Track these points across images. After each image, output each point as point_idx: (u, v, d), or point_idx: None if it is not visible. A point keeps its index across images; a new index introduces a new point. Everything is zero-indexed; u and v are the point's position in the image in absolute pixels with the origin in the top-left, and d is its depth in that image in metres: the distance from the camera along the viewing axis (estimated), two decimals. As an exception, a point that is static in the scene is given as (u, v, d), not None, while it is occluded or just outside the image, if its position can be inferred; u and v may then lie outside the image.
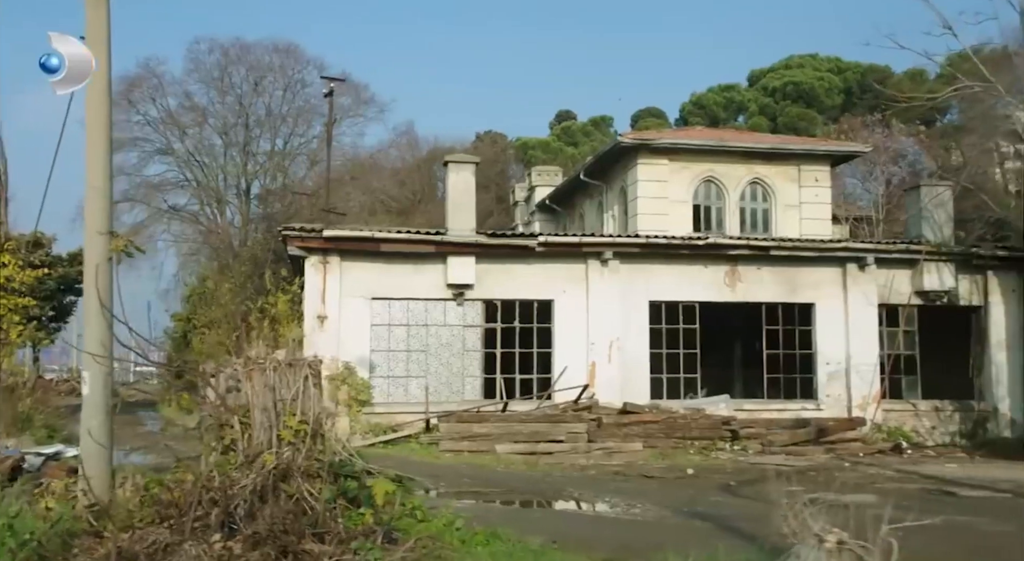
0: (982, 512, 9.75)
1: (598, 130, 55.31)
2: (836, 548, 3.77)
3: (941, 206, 18.16)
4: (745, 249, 17.58)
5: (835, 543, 3.76)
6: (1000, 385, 17.93)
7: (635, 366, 17.14)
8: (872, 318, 17.84)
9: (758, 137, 29.31)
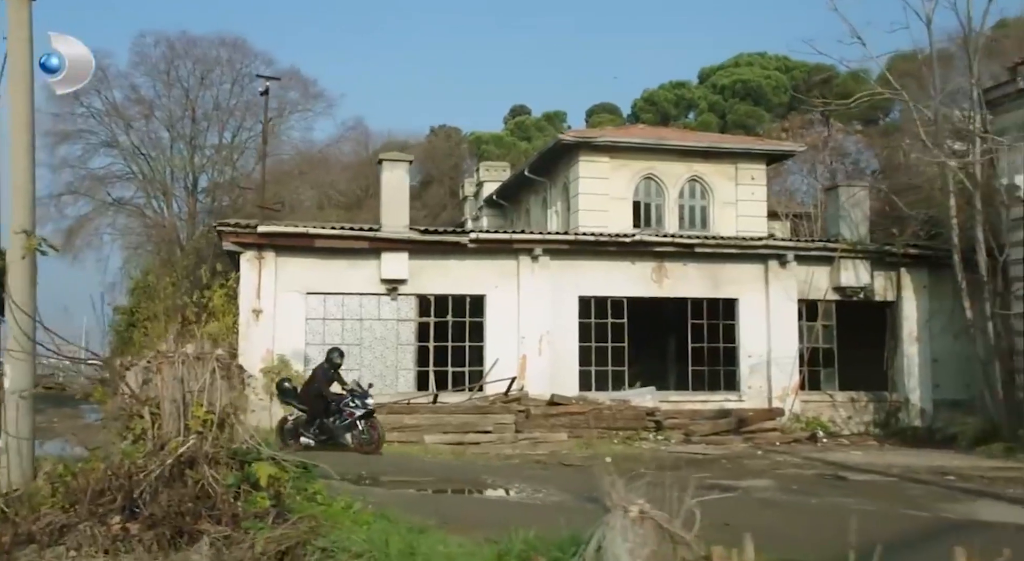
0: (860, 494, 10.47)
1: (552, 125, 55.83)
2: (639, 517, 4.35)
3: (857, 206, 18.99)
4: (671, 246, 18.23)
5: (637, 513, 4.34)
6: (911, 377, 18.81)
7: (565, 359, 17.72)
8: (792, 313, 18.62)
9: (696, 136, 30.07)
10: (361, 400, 13.59)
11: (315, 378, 14.24)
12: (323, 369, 14.28)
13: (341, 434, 13.58)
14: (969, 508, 9.44)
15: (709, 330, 18.63)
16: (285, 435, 13.93)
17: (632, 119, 54.85)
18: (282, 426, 14.18)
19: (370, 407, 13.61)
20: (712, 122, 49.91)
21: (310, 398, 13.94)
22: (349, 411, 13.55)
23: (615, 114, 58.94)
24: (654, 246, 18.20)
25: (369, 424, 13.54)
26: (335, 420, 13.69)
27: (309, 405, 13.90)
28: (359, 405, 13.53)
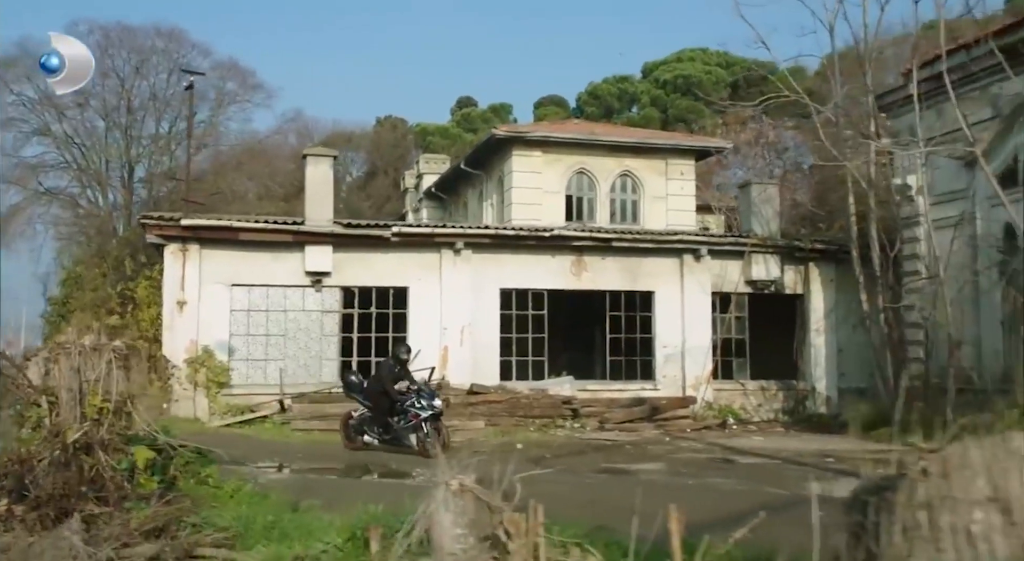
0: (738, 475, 11.22)
1: (498, 117, 56.24)
2: (459, 490, 4.88)
3: (768, 202, 19.82)
4: (589, 241, 18.87)
5: (458, 486, 4.87)
6: (818, 366, 19.73)
7: (486, 349, 18.29)
8: (706, 305, 19.40)
9: (627, 132, 30.81)
10: (427, 400, 12.85)
11: (380, 374, 13.63)
12: (388, 365, 13.62)
13: (405, 436, 12.92)
14: (829, 486, 10.20)
15: (627, 321, 19.33)
16: (349, 431, 13.51)
17: (577, 112, 55.56)
18: (346, 421, 13.66)
19: (437, 408, 12.92)
20: (654, 116, 50.81)
21: (374, 395, 13.30)
22: (414, 412, 12.81)
23: (562, 107, 59.56)
24: (573, 240, 18.82)
25: (434, 427, 12.78)
26: (399, 420, 12.98)
27: (373, 402, 13.27)
28: (425, 406, 12.79)
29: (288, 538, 5.91)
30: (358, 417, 13.48)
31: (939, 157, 15.26)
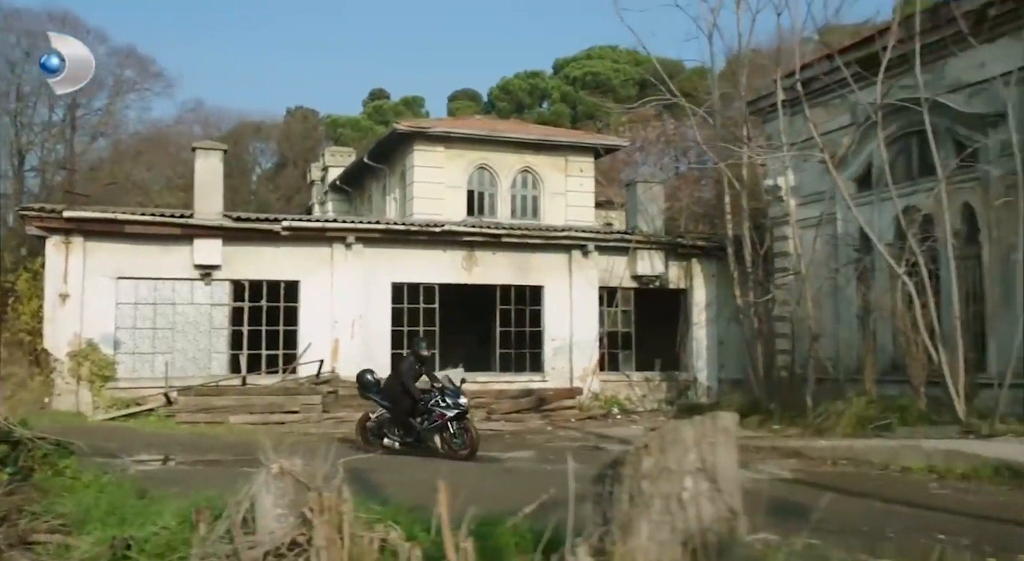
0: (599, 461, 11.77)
1: (410, 110, 56.29)
2: (279, 473, 5.24)
3: (653, 201, 20.61)
4: (479, 236, 19.32)
5: (278, 469, 5.23)
6: (700, 357, 20.64)
7: (377, 342, 18.58)
8: (593, 299, 20.07)
9: (529, 128, 31.35)
10: (452, 399, 12.02)
11: (399, 372, 12.67)
12: (408, 362, 12.66)
13: (429, 437, 12.10)
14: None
15: (517, 315, 19.87)
16: (367, 434, 12.60)
17: (489, 107, 55.98)
18: (363, 424, 12.78)
19: (463, 407, 12.09)
20: (564, 112, 51.61)
21: (394, 394, 12.38)
22: (439, 412, 11.95)
23: (475, 101, 59.90)
24: (464, 236, 19.24)
25: (461, 426, 12.00)
26: (423, 420, 12.12)
27: (393, 402, 12.38)
28: (450, 405, 11.94)
29: (124, 523, 6.16)
30: (376, 419, 12.56)
31: (805, 160, 16.18)
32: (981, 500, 8.80)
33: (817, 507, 8.50)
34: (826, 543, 6.15)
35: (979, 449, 10.61)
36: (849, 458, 11.55)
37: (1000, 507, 8.35)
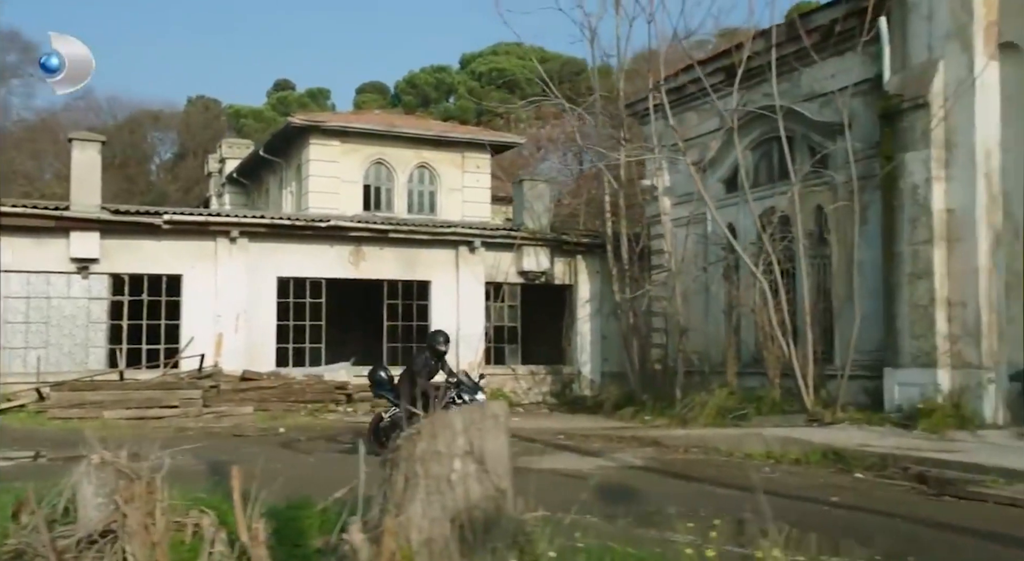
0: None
1: (315, 102, 55.76)
2: (100, 464, 5.42)
3: (539, 198, 21.15)
4: (365, 231, 19.50)
5: (99, 460, 5.41)
6: (584, 352, 21.29)
7: (262, 337, 18.60)
8: (480, 294, 20.49)
9: (426, 124, 31.60)
10: (470, 395, 11.30)
11: (413, 368, 11.83)
12: (423, 357, 11.80)
13: None
14: (538, 460, 11.36)
15: (405, 310, 20.15)
16: (380, 435, 11.64)
17: (395, 100, 55.89)
18: (376, 424, 11.94)
19: (481, 404, 11.92)
20: (469, 108, 51.91)
21: (408, 391, 11.52)
22: (455, 409, 11.89)
23: (383, 94, 59.71)
24: (350, 231, 19.40)
25: None
26: None
27: (407, 399, 11.43)
28: (467, 402, 11.07)
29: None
30: (389, 419, 11.62)
31: (672, 163, 16.92)
32: (802, 482, 9.51)
33: (649, 491, 9.07)
34: (630, 522, 6.68)
35: (811, 436, 11.41)
36: (700, 446, 12.23)
37: (816, 488, 9.06)
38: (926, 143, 12.57)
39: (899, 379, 12.85)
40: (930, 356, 12.43)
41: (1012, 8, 12.44)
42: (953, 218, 12.41)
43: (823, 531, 6.91)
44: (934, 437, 11.38)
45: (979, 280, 12.12)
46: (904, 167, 12.81)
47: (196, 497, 5.99)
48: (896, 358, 12.95)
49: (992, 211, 12.27)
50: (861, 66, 14.05)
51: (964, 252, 12.27)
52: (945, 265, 12.44)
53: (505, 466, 4.69)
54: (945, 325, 12.40)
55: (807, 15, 15.04)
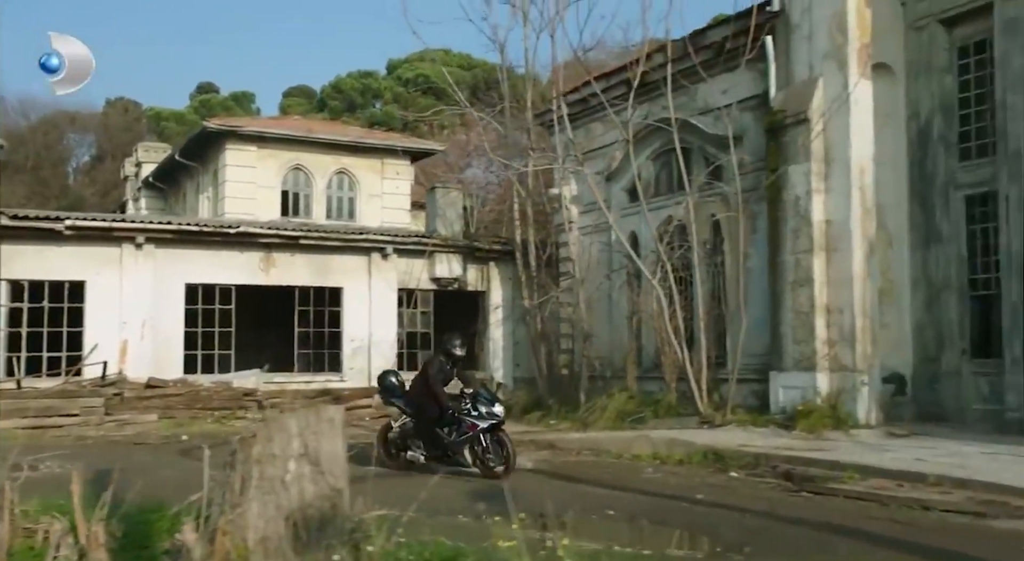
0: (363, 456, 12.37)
1: (239, 106, 55.12)
2: (-45, 474, 5.44)
3: (451, 206, 21.42)
4: (276, 238, 19.49)
5: (-47, 470, 5.43)
6: (496, 357, 21.59)
7: (169, 344, 18.43)
8: (392, 301, 20.63)
9: (344, 130, 31.61)
10: (487, 407, 10.27)
11: (425, 374, 10.75)
12: (438, 362, 10.81)
13: (458, 449, 10.33)
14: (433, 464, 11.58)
15: (317, 316, 20.17)
16: (389, 446, 10.86)
17: (320, 105, 55.56)
18: (385, 434, 11.01)
19: (498, 417, 10.26)
20: (395, 113, 51.94)
21: (419, 400, 10.67)
22: (470, 421, 10.20)
23: (309, 98, 59.27)
24: (260, 237, 19.36)
25: (495, 439, 10.20)
26: (451, 431, 10.36)
27: (417, 409, 10.64)
28: (483, 414, 10.21)
29: None
30: (399, 429, 10.83)
31: (572, 172, 17.35)
32: (679, 481, 9.94)
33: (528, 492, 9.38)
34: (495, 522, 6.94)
35: (695, 437, 11.88)
36: (592, 448, 12.62)
37: (689, 487, 9.48)
38: (807, 157, 13.20)
39: (783, 382, 13.44)
40: (810, 360, 13.04)
41: (883, 31, 13.18)
42: (831, 229, 13.05)
43: (677, 525, 7.33)
44: (811, 437, 11.96)
45: (854, 288, 12.76)
46: (787, 179, 13.43)
47: (56, 504, 6.07)
48: (780, 362, 13.54)
49: (866, 222, 12.94)
50: (751, 82, 14.67)
51: (841, 261, 12.92)
52: (824, 273, 13.07)
53: (341, 467, 4.93)
54: (824, 330, 13.03)
55: (702, 32, 15.58)
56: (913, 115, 13.49)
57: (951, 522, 7.20)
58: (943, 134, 13.19)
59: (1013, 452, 10.13)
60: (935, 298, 13.21)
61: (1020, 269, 11.95)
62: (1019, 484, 8.04)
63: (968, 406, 12.78)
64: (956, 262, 13.03)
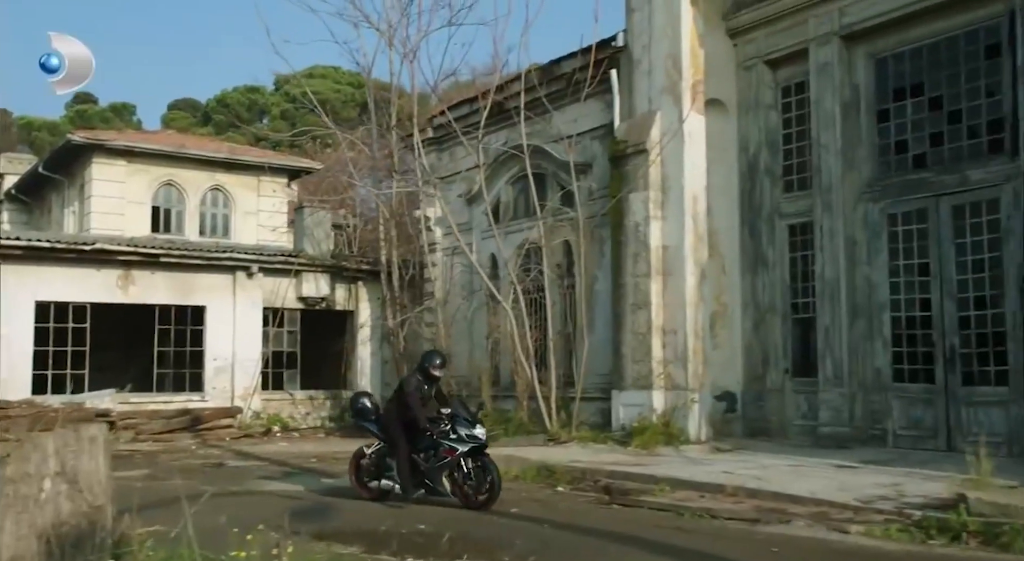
0: (202, 476, 12.30)
1: (119, 117, 53.61)
2: None
3: (319, 225, 21.47)
4: (135, 255, 19.11)
5: None
6: (364, 376, 21.65)
7: (16, 363, 17.81)
8: (257, 319, 20.47)
9: (218, 146, 31.20)
10: (467, 429, 9.41)
11: (403, 393, 9.81)
12: (415, 380, 9.83)
13: (436, 477, 9.48)
14: (268, 483, 11.66)
15: (178, 335, 19.83)
16: (362, 474, 10.11)
17: (205, 119, 54.55)
18: (357, 462, 10.18)
19: (480, 440, 9.43)
20: (283, 129, 51.38)
21: (394, 422, 9.78)
22: (448, 446, 9.38)
23: (196, 111, 58.12)
24: (118, 254, 18.95)
25: (478, 465, 9.37)
26: (428, 456, 9.55)
27: (392, 433, 9.78)
28: (463, 437, 9.36)
29: None
30: (373, 454, 10.04)
31: (430, 195, 17.72)
32: (506, 496, 10.26)
33: (345, 509, 9.50)
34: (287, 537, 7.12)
35: (530, 454, 12.31)
36: (436, 466, 12.87)
37: (512, 502, 9.77)
38: (646, 185, 13.91)
39: (623, 400, 14.04)
40: (647, 379, 13.69)
41: (716, 69, 14.05)
42: (667, 254, 13.77)
43: (479, 538, 7.68)
44: (643, 453, 12.55)
45: (687, 310, 13.49)
46: (628, 206, 14.11)
47: None
48: (621, 381, 14.15)
49: (699, 248, 13.72)
50: (599, 113, 15.36)
51: (675, 285, 13.64)
52: (661, 296, 13.76)
53: (102, 484, 5.07)
54: (660, 351, 13.70)
55: (556, 62, 16.21)
56: (743, 148, 14.37)
57: (728, 528, 7.78)
58: (769, 167, 14.11)
59: (816, 464, 10.91)
60: (762, 320, 14.07)
61: (831, 294, 12.89)
62: (800, 493, 8.73)
63: (790, 422, 13.64)
64: (780, 287, 13.93)
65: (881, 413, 12.54)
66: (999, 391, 11.29)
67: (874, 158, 12.93)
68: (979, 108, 11.75)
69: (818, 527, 7.60)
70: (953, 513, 7.23)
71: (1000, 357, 11.30)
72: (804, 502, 8.48)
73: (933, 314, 12.02)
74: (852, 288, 12.83)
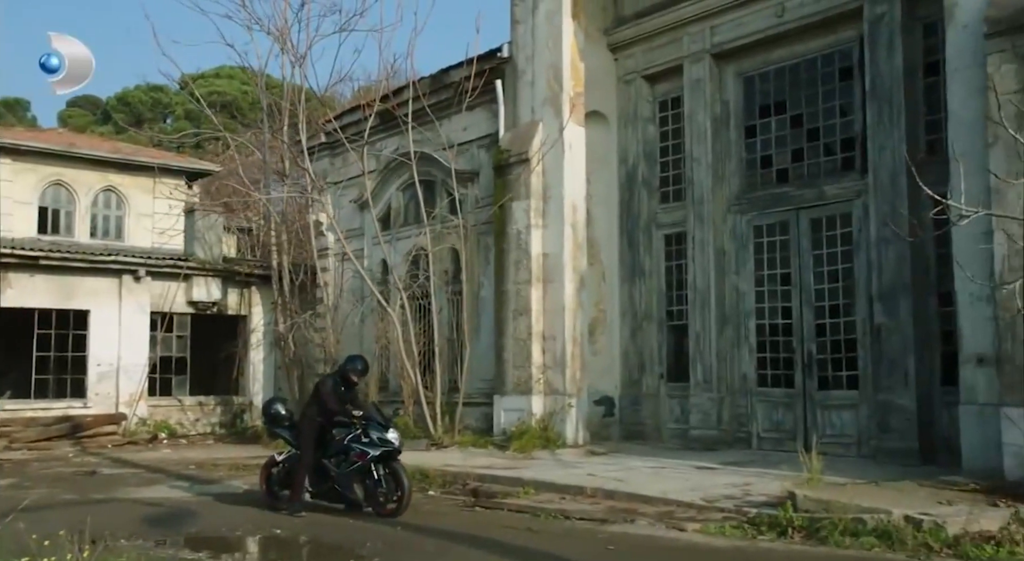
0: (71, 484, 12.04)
1: (11, 113, 51.54)
2: None
3: (211, 229, 21.17)
4: (12, 257, 18.52)
5: None
6: (257, 382, 21.41)
7: None
8: (145, 324, 20.03)
9: (113, 146, 30.34)
10: (379, 433, 8.99)
11: (320, 395, 9.42)
12: (332, 381, 9.52)
13: (347, 484, 9.07)
14: (137, 490, 11.47)
15: (60, 340, 19.26)
16: (271, 485, 9.68)
17: (104, 118, 52.95)
18: (269, 469, 9.72)
19: (392, 444, 9.00)
20: (188, 128, 50.26)
21: (307, 426, 9.38)
22: (359, 450, 8.95)
23: (96, 109, 56.32)
24: (-7, 257, 18.35)
25: (389, 471, 8.94)
26: (339, 461, 9.13)
27: (303, 438, 9.36)
28: (375, 441, 8.95)
29: None
30: (284, 463, 9.59)
31: (343, 198, 17.71)
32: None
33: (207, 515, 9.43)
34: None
35: (406, 459, 12.38)
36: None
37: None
38: (527, 194, 14.20)
39: (504, 405, 14.28)
40: (527, 384, 13.96)
41: (597, 82, 14.47)
42: (547, 261, 14.08)
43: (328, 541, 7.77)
44: (520, 457, 12.79)
45: (566, 317, 13.82)
46: (511, 214, 14.37)
47: None
48: (503, 386, 14.39)
49: (578, 256, 14.08)
50: (486, 122, 15.61)
51: (555, 292, 13.96)
52: (541, 303, 14.06)
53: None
54: (540, 356, 13.99)
55: (445, 71, 16.39)
56: (623, 159, 14.82)
57: (576, 528, 8.06)
58: (647, 178, 14.58)
59: (679, 466, 11.33)
60: (639, 327, 14.51)
61: (702, 302, 13.40)
62: (652, 494, 9.09)
63: (664, 425, 14.10)
64: (657, 295, 14.40)
65: (746, 416, 13.09)
66: (850, 394, 11.93)
67: (742, 172, 13.51)
68: (834, 127, 12.43)
69: (659, 526, 7.93)
70: (782, 510, 7.65)
71: (852, 362, 11.95)
72: (654, 502, 8.84)
73: (793, 322, 12.63)
74: (721, 296, 13.36)
